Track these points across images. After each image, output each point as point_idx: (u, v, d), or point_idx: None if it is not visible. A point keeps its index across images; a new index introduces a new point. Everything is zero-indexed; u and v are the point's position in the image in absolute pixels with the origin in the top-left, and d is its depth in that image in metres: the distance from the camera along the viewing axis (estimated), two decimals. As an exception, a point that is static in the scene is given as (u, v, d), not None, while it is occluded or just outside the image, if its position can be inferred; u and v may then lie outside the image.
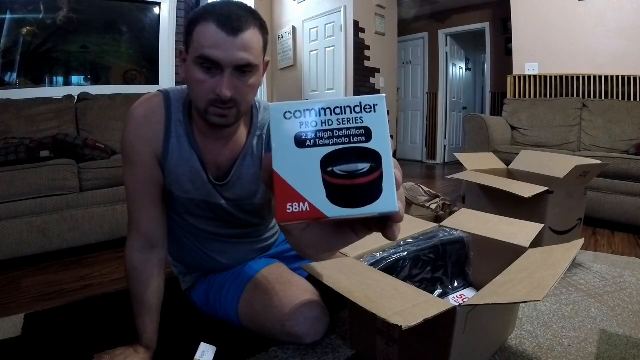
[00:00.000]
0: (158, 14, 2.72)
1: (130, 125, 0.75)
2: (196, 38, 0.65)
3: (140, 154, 0.75)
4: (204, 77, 0.66)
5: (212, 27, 0.63)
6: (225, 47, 0.63)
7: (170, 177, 0.79)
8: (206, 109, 0.69)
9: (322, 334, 0.84)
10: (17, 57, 2.25)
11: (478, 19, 4.70)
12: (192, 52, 0.66)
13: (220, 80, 0.65)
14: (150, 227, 0.79)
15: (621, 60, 2.67)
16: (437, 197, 1.91)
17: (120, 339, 0.84)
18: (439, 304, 0.62)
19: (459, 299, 0.99)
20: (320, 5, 4.35)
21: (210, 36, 0.63)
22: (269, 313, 0.84)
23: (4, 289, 1.26)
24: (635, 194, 1.89)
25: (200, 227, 0.90)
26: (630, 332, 0.94)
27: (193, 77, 0.67)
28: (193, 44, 0.65)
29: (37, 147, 1.54)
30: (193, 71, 0.66)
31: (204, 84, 0.66)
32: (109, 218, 1.63)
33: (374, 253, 0.90)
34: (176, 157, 0.78)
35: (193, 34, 0.65)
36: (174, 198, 0.83)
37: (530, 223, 1.02)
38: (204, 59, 0.64)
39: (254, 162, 0.83)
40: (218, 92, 0.65)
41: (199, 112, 0.72)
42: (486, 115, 2.85)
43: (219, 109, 0.68)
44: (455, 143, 5.36)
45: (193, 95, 0.71)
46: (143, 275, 0.79)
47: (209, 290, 0.96)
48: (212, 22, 0.63)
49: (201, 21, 0.64)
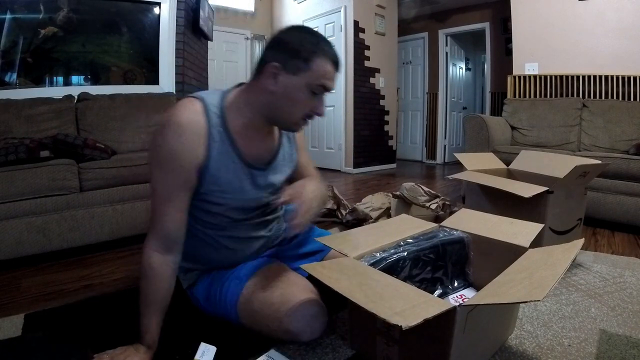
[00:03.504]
0: (158, 14, 2.72)
1: (172, 133, 0.77)
2: (316, 69, 0.79)
3: (180, 160, 0.78)
4: (309, 98, 0.81)
5: (331, 66, 0.81)
6: (334, 79, 0.83)
7: (211, 181, 0.83)
8: (297, 122, 0.84)
9: (319, 332, 0.85)
10: (17, 57, 2.25)
11: (478, 19, 4.70)
12: (307, 78, 0.79)
13: (320, 103, 0.84)
14: (172, 231, 0.82)
15: (621, 60, 2.67)
16: (437, 197, 1.91)
17: (120, 338, 0.85)
18: (439, 304, 0.63)
19: (459, 299, 0.99)
20: (320, 5, 4.35)
21: (329, 72, 0.81)
22: (267, 310, 0.85)
23: (4, 289, 1.26)
24: (635, 194, 1.89)
25: (224, 226, 0.93)
26: (630, 332, 0.94)
27: (299, 97, 0.80)
28: (311, 72, 0.79)
29: (37, 147, 1.54)
30: (300, 92, 0.80)
31: (307, 102, 0.81)
32: (109, 218, 1.63)
33: (374, 253, 0.90)
34: (218, 161, 0.83)
35: (311, 63, 0.78)
36: (209, 199, 0.87)
37: (530, 223, 1.02)
38: (323, 87, 0.81)
39: (288, 153, 0.99)
40: (318, 112, 0.84)
41: (285, 122, 0.85)
42: (486, 115, 2.85)
43: (307, 122, 0.86)
44: (455, 143, 5.36)
45: (289, 109, 0.82)
46: (158, 276, 0.81)
47: (210, 286, 0.97)
48: (329, 61, 0.80)
49: (321, 56, 0.79)
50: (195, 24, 2.96)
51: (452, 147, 5.25)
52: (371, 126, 4.35)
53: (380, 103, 4.45)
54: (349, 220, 1.96)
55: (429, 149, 5.38)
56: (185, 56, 2.83)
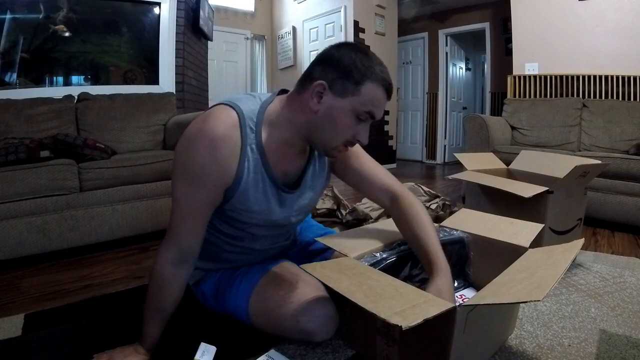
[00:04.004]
0: (158, 14, 2.72)
1: (204, 147, 0.72)
2: (365, 93, 0.73)
3: (211, 178, 0.74)
4: (353, 124, 0.76)
5: (382, 93, 0.75)
6: (382, 109, 0.78)
7: (238, 199, 0.79)
8: (336, 147, 0.79)
9: (333, 332, 0.86)
10: (17, 57, 2.25)
11: (478, 19, 4.70)
12: (354, 102, 0.74)
13: (365, 130, 0.78)
14: (191, 245, 0.79)
15: (621, 60, 2.67)
16: (437, 197, 1.91)
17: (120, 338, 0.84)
18: (439, 304, 0.62)
19: (459, 299, 0.99)
20: (320, 5, 4.35)
21: (379, 99, 0.75)
22: (284, 307, 0.84)
23: (4, 289, 1.26)
24: (635, 194, 1.89)
25: (246, 241, 0.92)
26: (630, 332, 0.94)
27: (343, 121, 0.75)
28: (360, 96, 0.73)
29: (37, 147, 1.54)
30: (345, 116, 0.74)
31: (351, 129, 0.76)
32: (109, 218, 1.63)
33: (374, 253, 0.90)
34: (248, 181, 0.78)
35: (362, 87, 0.73)
36: (234, 216, 0.83)
37: (530, 223, 1.02)
38: (370, 114, 0.75)
39: (319, 169, 0.92)
40: (360, 139, 0.78)
41: (324, 146, 0.79)
42: (486, 115, 2.85)
43: (347, 148, 0.81)
44: (455, 143, 5.36)
45: (330, 132, 0.76)
46: (168, 287, 0.79)
47: (219, 283, 0.96)
48: (382, 88, 0.74)
49: (373, 81, 0.73)
50: (195, 24, 2.96)
51: (452, 147, 5.25)
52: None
53: (380, 103, 4.44)
54: (349, 220, 1.96)
55: (429, 149, 5.38)
56: (185, 56, 2.83)
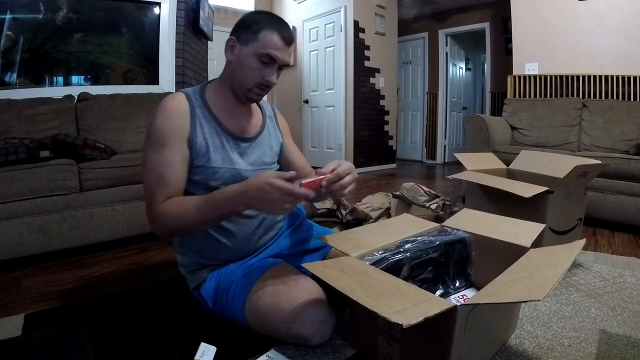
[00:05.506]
0: (158, 14, 2.72)
1: (163, 115, 0.90)
2: (262, 39, 0.89)
3: (173, 135, 0.89)
4: (259, 67, 0.91)
5: (277, 37, 0.89)
6: (282, 52, 0.91)
7: (200, 152, 0.92)
8: (251, 88, 0.93)
9: (328, 335, 0.86)
10: (17, 57, 2.25)
11: (478, 19, 4.70)
12: (254, 47, 0.89)
13: (271, 71, 0.92)
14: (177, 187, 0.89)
15: (621, 60, 2.68)
16: (437, 197, 1.91)
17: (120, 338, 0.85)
18: (440, 303, 0.62)
19: (460, 299, 0.99)
20: (320, 5, 4.35)
21: (275, 42, 0.89)
22: (276, 315, 0.84)
23: (4, 289, 1.26)
24: (635, 194, 1.89)
25: None
26: (630, 332, 0.94)
27: (249, 64, 0.90)
28: (258, 42, 0.89)
29: (37, 147, 1.54)
30: (251, 60, 0.90)
31: (257, 71, 0.91)
32: (109, 218, 1.63)
33: (375, 252, 0.90)
34: (203, 132, 0.93)
35: (259, 34, 0.89)
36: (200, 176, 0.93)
37: (531, 223, 1.02)
38: (268, 56, 0.89)
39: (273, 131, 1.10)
40: (267, 79, 0.92)
41: (241, 89, 0.94)
42: (486, 115, 2.85)
43: (260, 90, 0.94)
44: (455, 143, 5.36)
45: (241, 76, 0.93)
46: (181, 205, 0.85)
47: (217, 288, 0.97)
48: (277, 33, 0.89)
49: (268, 28, 0.89)
50: (195, 24, 2.96)
51: (452, 147, 5.26)
52: (371, 126, 4.35)
53: (380, 103, 4.45)
54: (349, 220, 1.96)
55: (429, 149, 5.38)
56: (185, 56, 2.83)
